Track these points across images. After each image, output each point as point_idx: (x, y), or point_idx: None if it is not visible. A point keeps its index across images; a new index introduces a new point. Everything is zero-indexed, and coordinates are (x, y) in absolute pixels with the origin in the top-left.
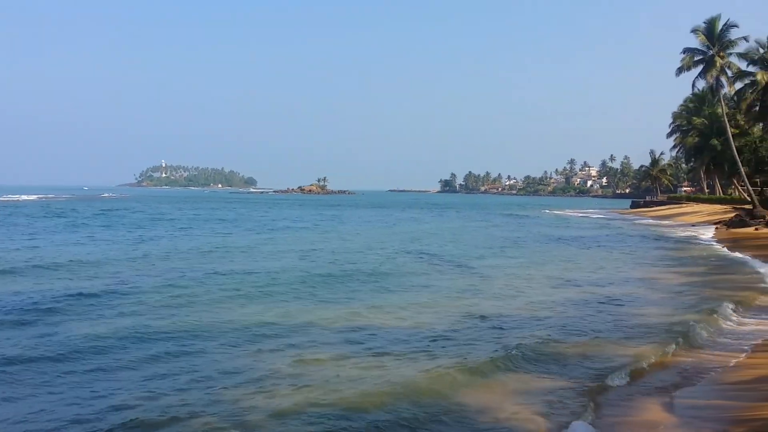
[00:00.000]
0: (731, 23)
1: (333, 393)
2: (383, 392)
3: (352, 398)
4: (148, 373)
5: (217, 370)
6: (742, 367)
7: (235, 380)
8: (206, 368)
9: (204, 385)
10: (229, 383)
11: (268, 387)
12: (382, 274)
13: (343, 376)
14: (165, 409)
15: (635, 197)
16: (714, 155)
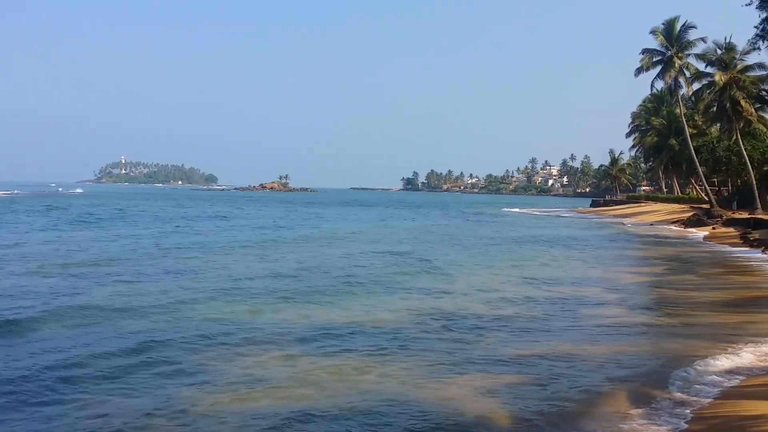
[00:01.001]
0: (689, 24)
1: (288, 392)
2: (342, 392)
3: (307, 398)
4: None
5: (177, 371)
6: (700, 358)
7: (193, 380)
8: (161, 368)
9: (157, 385)
10: (186, 384)
11: (226, 387)
12: (349, 274)
13: (298, 376)
14: (120, 410)
15: (595, 196)
16: (672, 155)
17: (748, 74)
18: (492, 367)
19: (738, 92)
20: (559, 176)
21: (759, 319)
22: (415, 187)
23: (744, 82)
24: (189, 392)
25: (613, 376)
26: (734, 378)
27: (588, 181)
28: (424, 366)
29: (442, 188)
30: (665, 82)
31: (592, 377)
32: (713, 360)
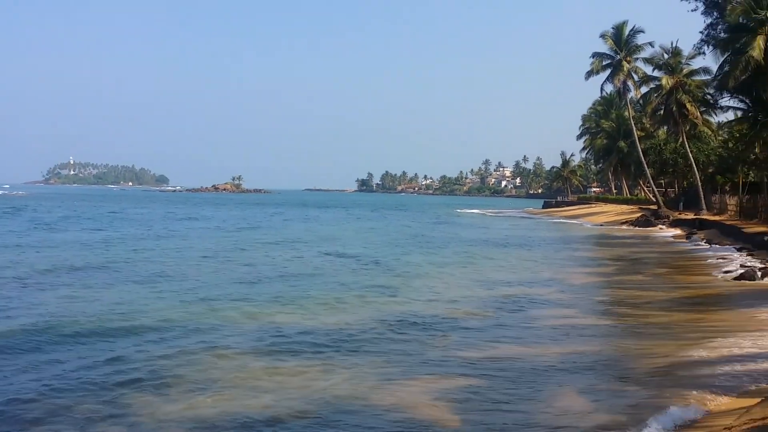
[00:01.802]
0: (637, 29)
1: (236, 398)
2: (292, 398)
3: (255, 405)
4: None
5: (116, 371)
6: (648, 356)
7: (137, 384)
8: (103, 369)
9: (99, 387)
10: (128, 387)
11: (177, 394)
12: (297, 275)
13: (247, 381)
14: (54, 412)
15: (547, 197)
16: (621, 157)
17: (694, 78)
18: (445, 370)
19: (684, 96)
20: (512, 177)
21: (705, 317)
22: (369, 188)
23: (690, 86)
24: (138, 397)
25: (565, 377)
26: (684, 370)
27: (540, 182)
28: (376, 370)
29: (397, 189)
30: (614, 86)
31: (545, 378)
32: (659, 356)
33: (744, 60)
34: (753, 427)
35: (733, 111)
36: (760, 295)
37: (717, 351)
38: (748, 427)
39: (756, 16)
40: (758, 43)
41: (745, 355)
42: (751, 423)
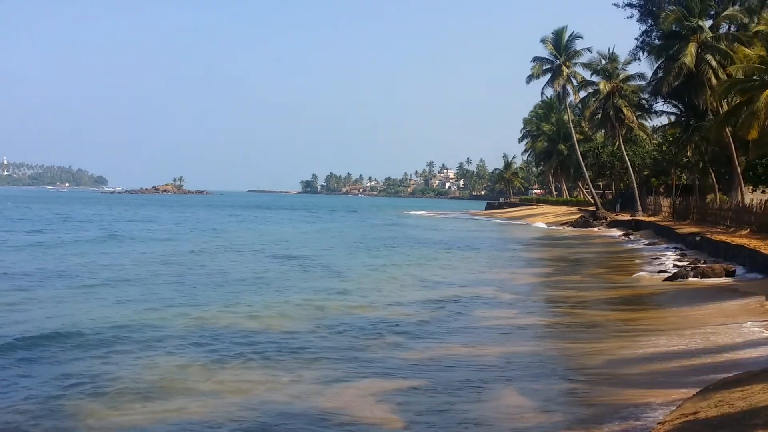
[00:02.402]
0: (576, 35)
1: (170, 403)
2: (230, 403)
3: (192, 410)
4: None
5: (54, 377)
6: (587, 354)
7: (79, 389)
8: (42, 375)
9: (37, 393)
10: (69, 392)
11: (104, 397)
12: (241, 278)
13: (183, 386)
14: None
15: (490, 199)
16: (561, 159)
17: (630, 83)
18: (390, 372)
19: (620, 100)
20: (455, 179)
21: (639, 316)
22: (314, 189)
23: (626, 90)
24: (76, 405)
25: (508, 377)
26: (620, 367)
27: (483, 184)
28: (320, 373)
29: (342, 191)
30: (554, 90)
31: (489, 379)
32: (596, 354)
33: (677, 66)
34: (684, 421)
35: (667, 115)
36: (692, 294)
37: (651, 349)
38: (680, 421)
39: (688, 24)
40: (690, 50)
41: (678, 353)
42: (683, 418)
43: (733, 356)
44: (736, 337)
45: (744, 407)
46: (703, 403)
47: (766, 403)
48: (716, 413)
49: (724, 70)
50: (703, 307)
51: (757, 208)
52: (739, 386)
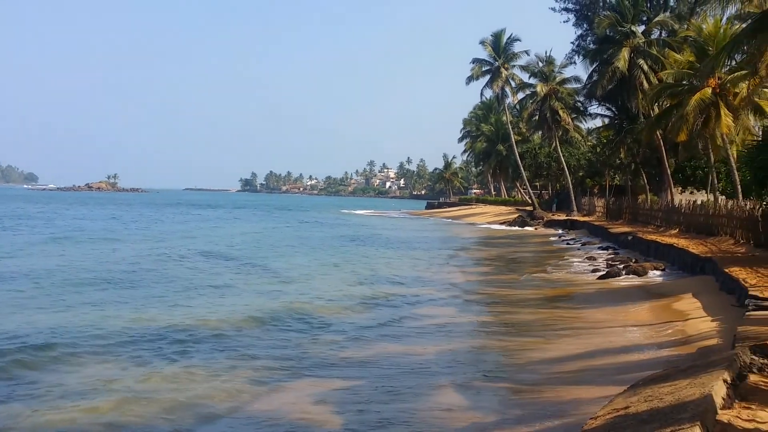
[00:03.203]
0: (514, 37)
1: (102, 403)
2: (164, 404)
3: (124, 412)
4: None
5: None
6: (522, 353)
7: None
8: None
9: None
10: None
11: (27, 398)
12: (176, 278)
13: (115, 387)
14: None
15: (430, 198)
16: (500, 160)
17: (566, 86)
18: (326, 372)
19: (557, 102)
20: (396, 179)
21: (573, 315)
22: (253, 188)
23: (562, 93)
24: None
25: (442, 376)
26: (554, 365)
27: (424, 183)
28: (255, 373)
29: (282, 190)
30: (493, 91)
31: (424, 377)
32: (531, 353)
33: (610, 70)
34: (616, 416)
35: (601, 118)
36: (624, 292)
37: (584, 346)
38: (611, 416)
39: (621, 29)
40: (623, 55)
41: (609, 349)
42: (614, 413)
43: (661, 353)
44: (664, 335)
45: (672, 401)
46: (633, 398)
47: (692, 397)
48: (646, 407)
49: (656, 74)
50: (632, 306)
51: (686, 208)
52: (667, 381)
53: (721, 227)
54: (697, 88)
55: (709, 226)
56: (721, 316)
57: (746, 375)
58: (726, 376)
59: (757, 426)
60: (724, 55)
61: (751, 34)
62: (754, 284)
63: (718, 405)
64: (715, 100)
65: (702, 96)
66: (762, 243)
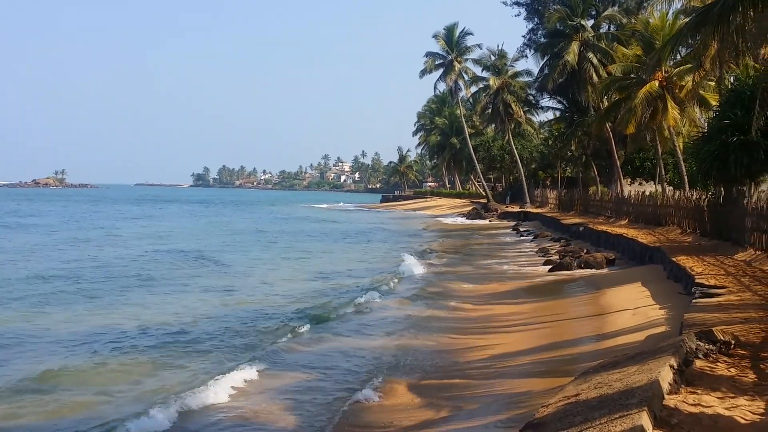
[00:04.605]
0: (467, 31)
1: (58, 398)
2: (115, 396)
3: (78, 401)
4: None
5: None
6: (475, 348)
7: None
8: None
9: None
10: None
11: None
12: (130, 274)
13: (69, 379)
14: None
15: (385, 192)
16: (454, 153)
17: (518, 79)
18: (279, 366)
19: (509, 96)
20: (351, 172)
21: (524, 309)
22: (206, 183)
23: (514, 86)
24: None
25: (395, 372)
26: (507, 359)
27: (379, 177)
28: (210, 366)
29: (235, 184)
30: (447, 85)
31: (375, 373)
32: (483, 348)
33: (561, 64)
34: (567, 403)
35: (553, 111)
36: (575, 283)
37: (536, 339)
38: (562, 404)
39: (571, 23)
40: (573, 49)
41: (561, 341)
42: (565, 400)
43: (611, 342)
44: (615, 324)
45: (621, 388)
46: (584, 386)
47: (640, 383)
48: (596, 394)
49: (605, 68)
50: (583, 296)
51: (635, 199)
52: (617, 368)
53: (668, 217)
54: (644, 82)
55: (658, 217)
56: (669, 303)
57: (692, 360)
58: (673, 362)
59: (703, 410)
60: (668, 49)
61: (695, 28)
62: (700, 272)
63: (665, 390)
64: (661, 93)
65: (649, 89)
66: (708, 232)
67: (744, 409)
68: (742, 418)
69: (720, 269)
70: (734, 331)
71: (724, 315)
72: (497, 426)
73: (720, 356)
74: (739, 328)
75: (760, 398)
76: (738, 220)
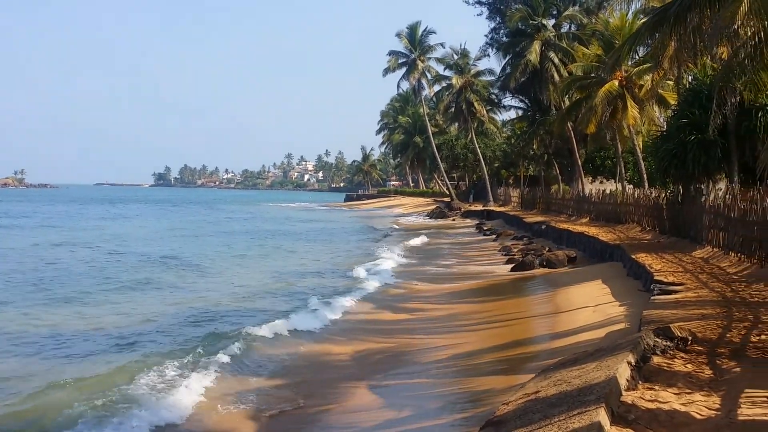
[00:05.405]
0: (430, 30)
1: None
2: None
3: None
4: None
5: None
6: (437, 348)
7: None
8: None
9: None
10: None
11: None
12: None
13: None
14: None
15: (349, 191)
16: (417, 152)
17: (480, 78)
18: (237, 370)
19: (472, 95)
20: (314, 171)
21: (487, 308)
22: (167, 182)
23: (477, 85)
24: None
25: (357, 374)
26: (469, 359)
27: (342, 176)
28: (163, 370)
29: (197, 184)
30: (410, 83)
31: (336, 376)
32: (446, 348)
33: (523, 63)
34: (527, 400)
35: (515, 110)
36: (537, 281)
37: (498, 338)
38: (522, 401)
39: (533, 22)
40: (535, 48)
41: (523, 339)
42: (525, 397)
43: (572, 339)
44: (575, 322)
45: (580, 384)
46: (544, 383)
47: (599, 379)
48: (555, 391)
49: (566, 67)
50: (545, 294)
51: (596, 197)
52: (576, 365)
53: (628, 215)
54: (604, 81)
55: (618, 215)
56: (629, 300)
57: (650, 357)
58: (630, 358)
59: (659, 406)
60: (627, 48)
61: (653, 28)
62: (658, 269)
63: (622, 386)
64: (621, 92)
65: (609, 88)
66: (666, 230)
67: (700, 405)
68: (698, 413)
69: (678, 266)
70: (691, 328)
71: (681, 311)
72: (459, 424)
73: (677, 352)
74: (696, 325)
75: (715, 394)
76: (696, 218)
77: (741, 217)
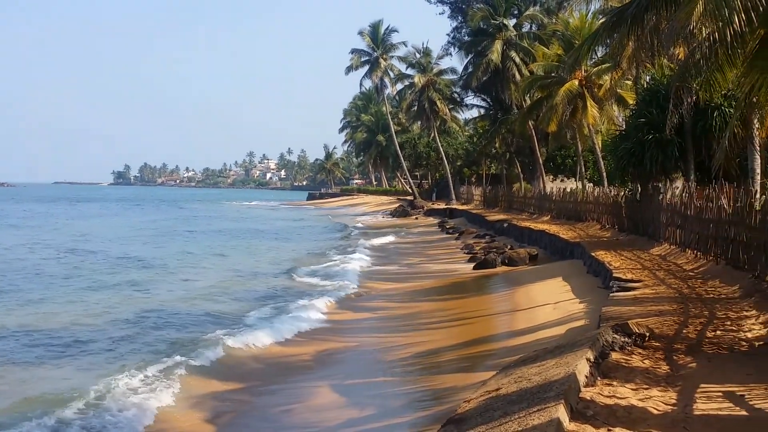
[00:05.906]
0: (392, 28)
1: None
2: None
3: None
4: None
5: None
6: (400, 346)
7: None
8: None
9: None
10: None
11: None
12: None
13: None
14: None
15: (312, 189)
16: (380, 150)
17: (443, 77)
18: (200, 371)
19: (434, 93)
20: (277, 170)
21: (450, 306)
22: (127, 181)
23: (439, 84)
24: None
25: (320, 375)
26: (431, 357)
27: (305, 174)
28: (125, 370)
29: (157, 182)
30: (373, 82)
31: (300, 377)
32: (408, 346)
33: (484, 62)
34: (488, 398)
35: (477, 109)
36: (498, 279)
37: (460, 336)
38: (484, 398)
39: (494, 22)
40: (496, 47)
41: (484, 337)
42: (486, 395)
43: (533, 336)
44: (537, 319)
45: (539, 381)
46: (504, 380)
47: (558, 376)
48: (515, 388)
49: (527, 66)
50: (506, 292)
51: (557, 196)
52: (536, 362)
53: (588, 213)
54: (565, 80)
55: (578, 213)
56: (589, 297)
57: (608, 353)
58: (589, 355)
59: (617, 401)
60: (586, 48)
61: (611, 28)
62: (617, 267)
63: (581, 383)
64: (581, 91)
65: (569, 87)
66: (625, 227)
67: (657, 400)
68: (654, 408)
69: (636, 263)
70: (649, 324)
71: (639, 308)
72: (421, 422)
73: (635, 348)
74: (653, 321)
75: (672, 389)
76: (654, 216)
77: (697, 214)
